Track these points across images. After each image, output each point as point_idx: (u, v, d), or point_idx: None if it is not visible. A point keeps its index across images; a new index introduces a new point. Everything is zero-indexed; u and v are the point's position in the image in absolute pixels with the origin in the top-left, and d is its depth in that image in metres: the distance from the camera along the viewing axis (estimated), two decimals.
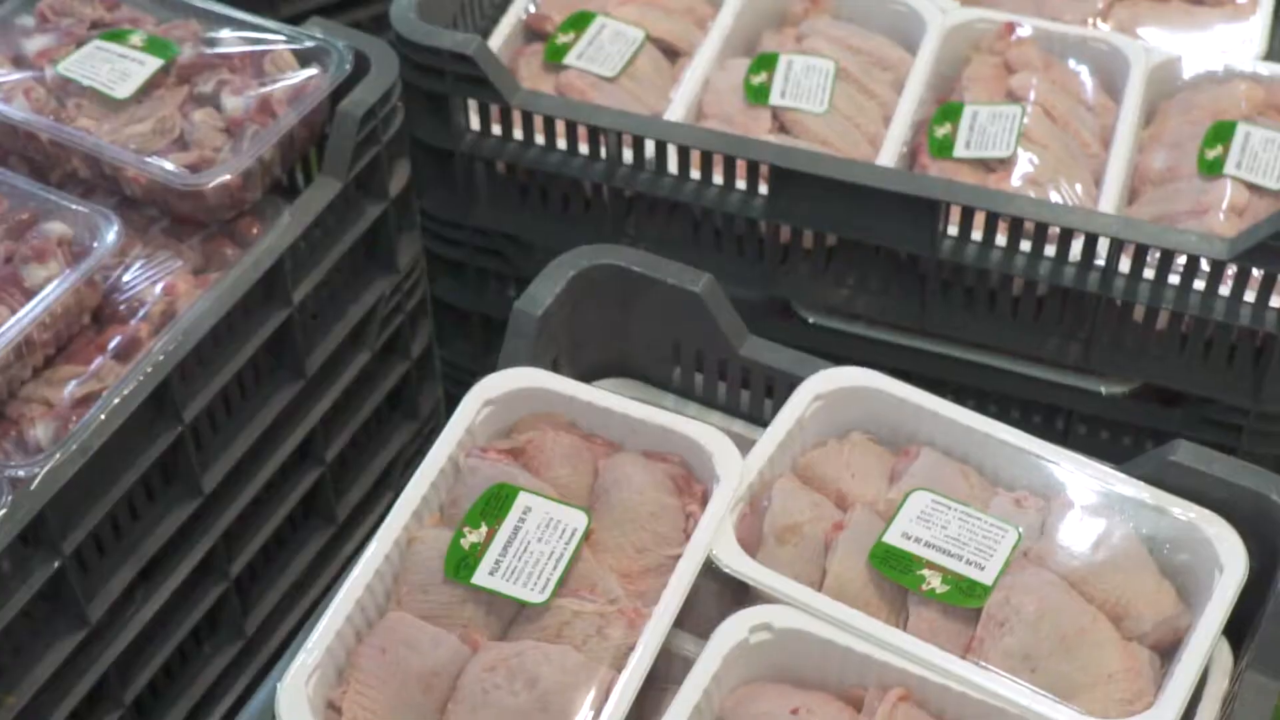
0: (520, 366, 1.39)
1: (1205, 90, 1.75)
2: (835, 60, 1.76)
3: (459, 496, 1.33)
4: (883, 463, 1.37)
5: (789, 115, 1.72)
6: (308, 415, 1.64)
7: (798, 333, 1.70)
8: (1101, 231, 1.52)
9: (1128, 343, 1.60)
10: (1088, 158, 1.70)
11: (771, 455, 1.34)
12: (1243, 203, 1.63)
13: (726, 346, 1.43)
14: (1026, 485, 1.35)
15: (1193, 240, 1.51)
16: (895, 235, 1.59)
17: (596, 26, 1.79)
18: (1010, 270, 1.57)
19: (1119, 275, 1.56)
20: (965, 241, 1.58)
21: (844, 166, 1.57)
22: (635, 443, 1.37)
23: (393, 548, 1.29)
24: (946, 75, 1.80)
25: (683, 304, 1.42)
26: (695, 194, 1.64)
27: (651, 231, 1.70)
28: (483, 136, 1.68)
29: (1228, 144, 1.67)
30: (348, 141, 1.55)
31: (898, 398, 1.38)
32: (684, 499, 1.33)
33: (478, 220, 1.74)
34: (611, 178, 1.65)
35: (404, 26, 1.63)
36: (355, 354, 1.69)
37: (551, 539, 1.28)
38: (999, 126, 1.69)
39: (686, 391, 1.49)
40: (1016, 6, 1.86)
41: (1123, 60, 1.77)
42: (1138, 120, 1.72)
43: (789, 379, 1.41)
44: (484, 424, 1.37)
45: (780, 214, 1.61)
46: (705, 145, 1.60)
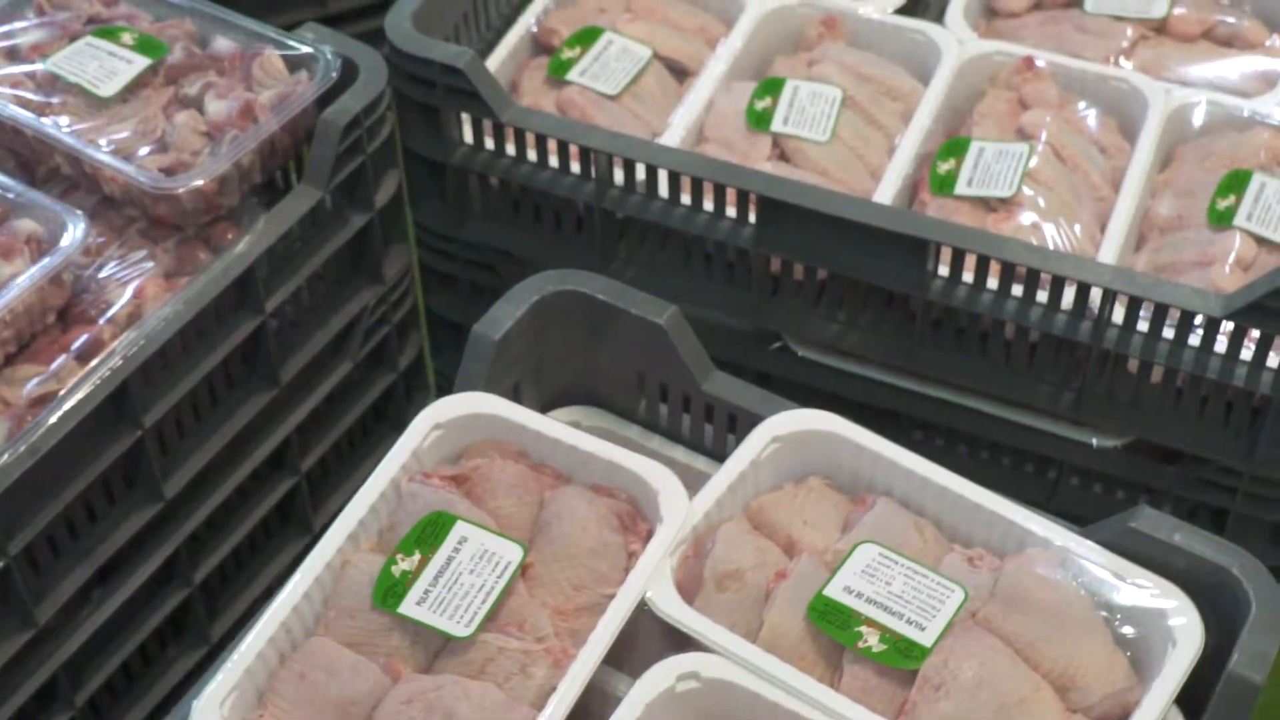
0: (475, 391, 1.37)
1: (1225, 137, 1.69)
2: (843, 88, 1.71)
3: (398, 522, 1.30)
4: (839, 510, 1.33)
5: (790, 143, 1.68)
6: (281, 424, 1.62)
7: (788, 365, 1.66)
8: (1094, 281, 1.47)
9: (1121, 395, 1.54)
10: (1095, 201, 1.65)
11: (720, 497, 1.30)
12: (1250, 257, 1.57)
13: (690, 381, 1.40)
14: (984, 543, 1.30)
15: (1187, 295, 1.46)
16: (884, 273, 1.55)
17: (603, 43, 1.76)
18: (1001, 315, 1.52)
19: (1112, 326, 1.50)
20: (956, 283, 1.53)
21: (831, 200, 1.53)
22: (585, 476, 1.34)
23: (324, 570, 1.27)
24: (960, 108, 1.75)
25: (647, 335, 1.39)
26: (685, 220, 1.60)
27: (643, 255, 1.67)
28: (476, 150, 1.65)
29: (1241, 194, 1.61)
30: (329, 151, 1.54)
31: (857, 444, 1.33)
32: (628, 537, 1.29)
33: (470, 235, 1.71)
34: (601, 199, 1.61)
35: (397, 36, 1.61)
36: (336, 364, 1.67)
37: (484, 571, 1.25)
38: (1004, 165, 1.64)
39: (652, 424, 1.46)
40: (1038, 41, 1.81)
41: (1141, 101, 1.71)
42: (1150, 164, 1.66)
43: (752, 417, 1.37)
44: (432, 448, 1.34)
45: (769, 245, 1.58)
46: (694, 171, 1.56)
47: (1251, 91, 1.75)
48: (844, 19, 1.81)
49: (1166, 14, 1.80)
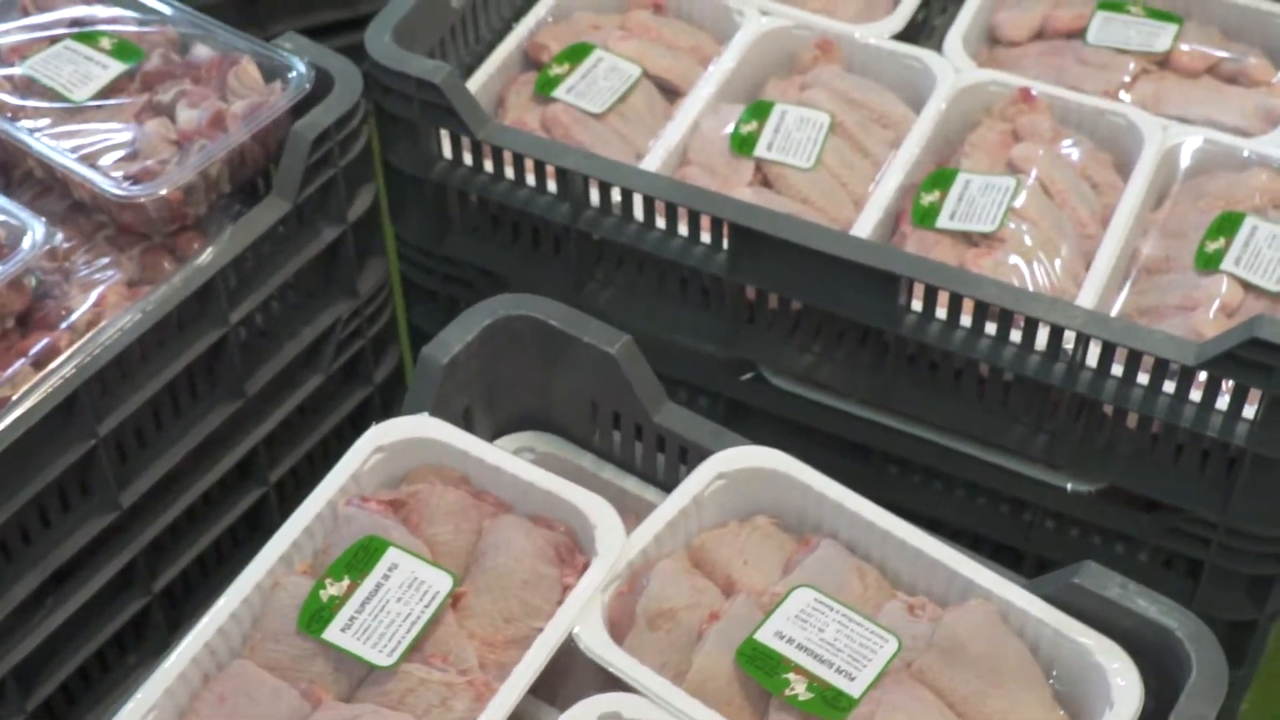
0: (421, 414, 1.35)
1: (1221, 177, 1.65)
2: (832, 114, 1.68)
3: (333, 545, 1.29)
4: (782, 551, 1.30)
5: (772, 169, 1.65)
6: (248, 435, 1.61)
7: (763, 395, 1.64)
8: (1066, 324, 1.43)
9: (1095, 440, 1.51)
10: (1082, 238, 1.61)
11: (659, 533, 1.28)
12: (1235, 303, 1.53)
13: (642, 412, 1.37)
14: (927, 590, 1.27)
15: (1160, 341, 1.42)
16: (856, 306, 1.51)
17: (593, 60, 1.74)
18: (974, 354, 1.49)
19: (1086, 369, 1.46)
20: (929, 319, 1.50)
21: (802, 230, 1.50)
22: (526, 506, 1.32)
23: (253, 591, 1.26)
24: (953, 138, 1.72)
25: (600, 364, 1.37)
26: (659, 245, 1.58)
27: (620, 278, 1.64)
28: (454, 166, 1.64)
29: (1231, 237, 1.56)
30: (298, 163, 1.52)
31: (803, 484, 1.31)
32: (564, 570, 1.27)
33: (449, 250, 1.70)
34: (577, 220, 1.59)
35: (375, 49, 1.59)
36: (306, 376, 1.66)
37: (412, 600, 1.24)
38: (988, 199, 1.60)
39: (606, 452, 1.43)
40: (1038, 71, 1.77)
41: (1137, 137, 1.67)
42: (1141, 202, 1.62)
43: (702, 451, 1.35)
44: (373, 471, 1.33)
45: (741, 273, 1.55)
46: (667, 196, 1.54)
47: (1253, 131, 1.71)
48: (840, 43, 1.77)
49: (1170, 48, 1.76)
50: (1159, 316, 1.54)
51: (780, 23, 1.79)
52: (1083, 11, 1.81)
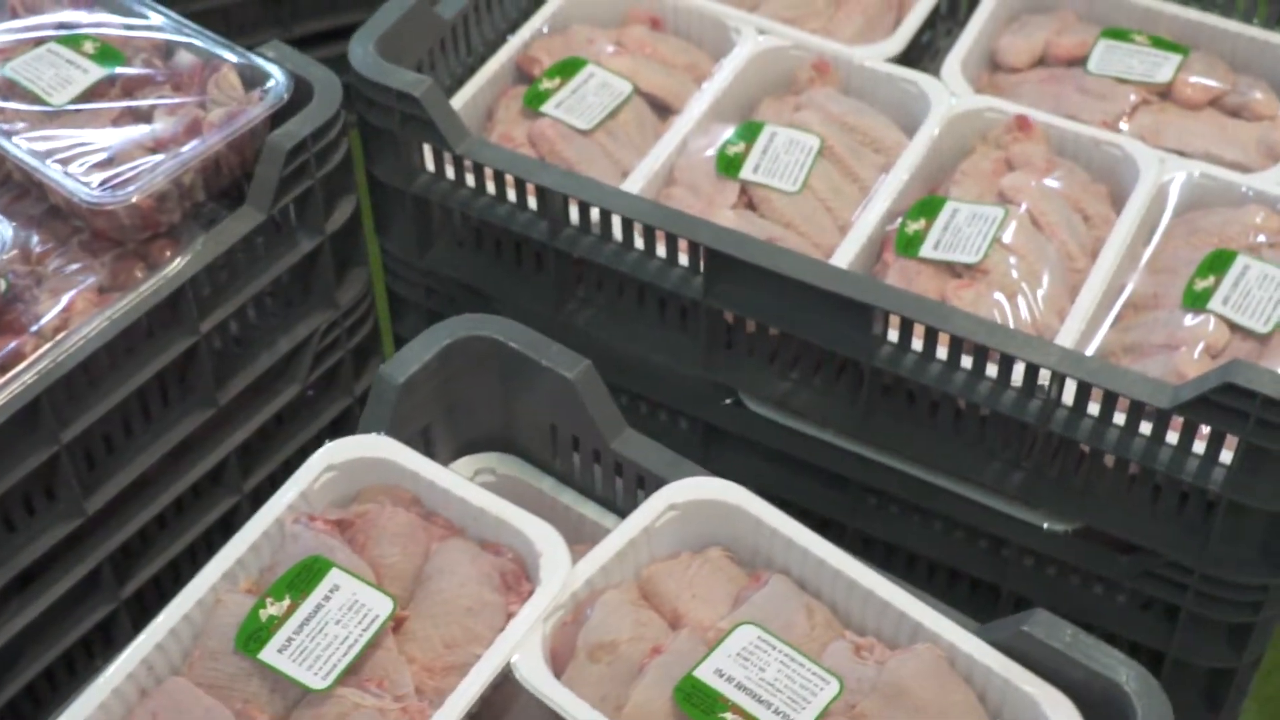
0: (377, 434, 1.34)
1: (1217, 213, 1.61)
2: (822, 137, 1.66)
3: (278, 563, 1.28)
4: (733, 585, 1.28)
5: (757, 192, 1.63)
6: (220, 444, 1.61)
7: (741, 420, 1.61)
8: (1040, 362, 1.40)
9: (1072, 479, 1.48)
10: (1069, 272, 1.57)
11: (605, 564, 1.26)
12: (1221, 344, 1.49)
13: (599, 438, 1.35)
14: (876, 631, 1.25)
15: (1135, 383, 1.39)
16: (830, 335, 1.49)
17: (584, 75, 1.72)
18: (948, 388, 1.46)
19: (1062, 408, 1.43)
20: (905, 350, 1.47)
21: (776, 256, 1.47)
22: (476, 530, 1.31)
23: (194, 608, 1.25)
24: (946, 165, 1.69)
25: (558, 389, 1.35)
26: (637, 266, 1.55)
27: (601, 297, 1.63)
28: (436, 179, 1.62)
29: (1221, 276, 1.53)
30: (272, 174, 1.51)
31: (755, 518, 1.28)
32: (509, 597, 1.26)
33: (431, 264, 1.68)
34: (555, 238, 1.57)
35: (357, 60, 1.58)
36: (282, 386, 1.65)
37: (350, 623, 1.22)
38: (975, 229, 1.57)
39: (566, 477, 1.42)
40: (1036, 99, 1.73)
41: (1133, 169, 1.64)
42: (1132, 237, 1.59)
43: (658, 480, 1.33)
44: (323, 489, 1.32)
45: (717, 297, 1.53)
46: (642, 217, 1.52)
47: (1254, 166, 1.67)
48: (836, 64, 1.75)
49: (1172, 79, 1.72)
50: (1142, 355, 1.51)
51: (776, 42, 1.76)
52: (1086, 39, 1.77)
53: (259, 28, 2.71)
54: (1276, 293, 1.52)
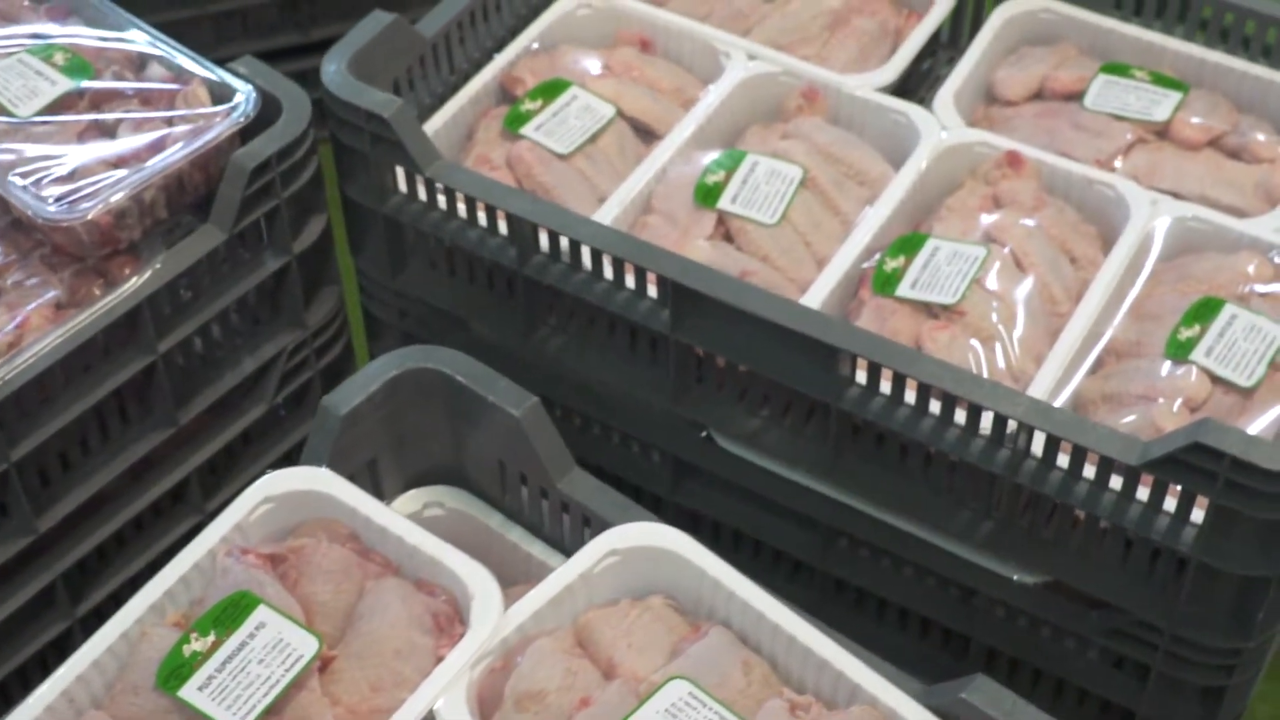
0: (318, 466, 1.31)
1: (1208, 258, 1.56)
2: (805, 168, 1.62)
3: (208, 597, 1.25)
4: (672, 635, 1.24)
5: (735, 222, 1.59)
6: (181, 463, 1.59)
7: (711, 456, 1.58)
8: (1008, 412, 1.36)
9: (1042, 531, 1.43)
10: (1051, 315, 1.53)
11: (539, 610, 1.23)
12: (1201, 397, 1.44)
13: (546, 477, 1.32)
14: (815, 690, 1.21)
15: (1103, 437, 1.34)
16: (797, 375, 1.45)
17: (567, 97, 1.69)
18: (915, 434, 1.42)
19: (1030, 459, 1.39)
20: (872, 393, 1.43)
21: (742, 293, 1.43)
22: (412, 568, 1.28)
23: (119, 640, 1.23)
24: (934, 199, 1.64)
25: (506, 425, 1.32)
26: (606, 296, 1.52)
27: (572, 325, 1.59)
28: (409, 200, 1.59)
29: (1207, 325, 1.48)
30: (235, 193, 1.49)
31: (698, 568, 1.25)
32: (440, 640, 1.23)
33: (405, 286, 1.65)
34: (524, 266, 1.54)
35: (328, 78, 1.55)
36: (248, 406, 1.63)
37: (274, 662, 1.19)
38: (954, 268, 1.53)
39: (516, 514, 1.38)
40: (1030, 134, 1.68)
41: (1124, 210, 1.59)
42: (1118, 280, 1.54)
43: (603, 523, 1.29)
44: (260, 521, 1.29)
45: (684, 332, 1.49)
46: (607, 247, 1.48)
47: (1251, 211, 1.61)
48: (826, 92, 1.70)
49: (1170, 117, 1.67)
50: (1120, 405, 1.46)
51: (766, 68, 1.72)
52: (1085, 74, 1.71)
53: (277, 31, 2.70)
54: (1263, 345, 1.46)
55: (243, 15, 2.66)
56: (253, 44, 2.68)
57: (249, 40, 2.68)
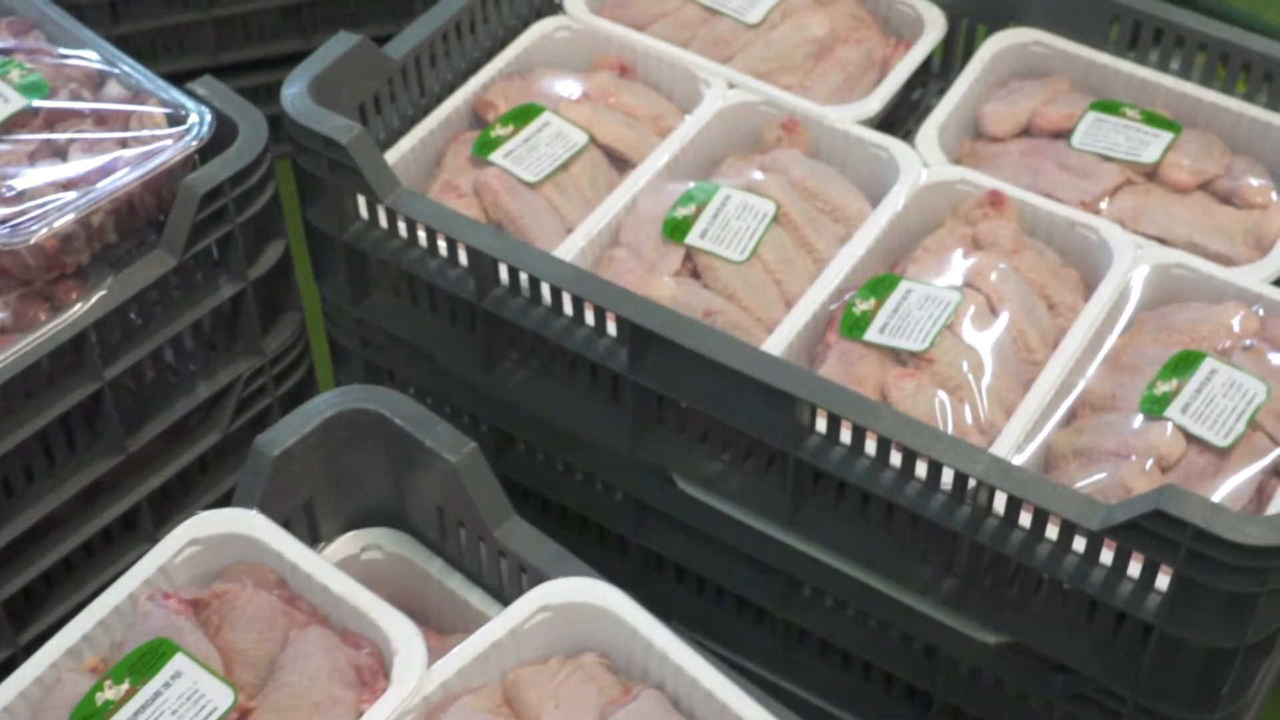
0: (250, 507, 1.28)
1: (1192, 308, 1.50)
2: (779, 203, 1.57)
3: (126, 641, 1.21)
4: (603, 696, 1.20)
5: (703, 259, 1.54)
6: (132, 490, 1.55)
7: (672, 499, 1.53)
8: (967, 470, 1.31)
9: (1005, 591, 1.38)
10: (1025, 364, 1.47)
11: (464, 667, 1.19)
12: (1175, 455, 1.38)
13: (483, 525, 1.28)
14: None
15: (1063, 499, 1.29)
16: (755, 422, 1.40)
17: (539, 123, 1.64)
18: (875, 487, 1.37)
19: (992, 517, 1.34)
20: (832, 443, 1.38)
21: (699, 336, 1.39)
22: (338, 618, 1.24)
23: (33, 685, 1.19)
24: (913, 238, 1.59)
25: (443, 470, 1.28)
26: (564, 333, 1.48)
27: (534, 361, 1.55)
28: (370, 227, 1.55)
29: (1185, 380, 1.42)
30: (185, 218, 1.45)
31: (631, 627, 1.20)
32: (362, 694, 1.19)
33: (366, 314, 1.61)
34: (483, 299, 1.50)
35: (287, 101, 1.51)
36: (204, 433, 1.59)
37: (187, 714, 1.16)
38: (926, 313, 1.47)
39: (455, 560, 1.34)
40: (1015, 172, 1.63)
41: (1107, 255, 1.53)
42: (1096, 330, 1.48)
43: (539, 576, 1.25)
44: (185, 564, 1.25)
45: (642, 374, 1.44)
46: (562, 284, 1.44)
47: (1239, 259, 1.55)
48: (806, 123, 1.65)
49: (1159, 159, 1.61)
50: (1091, 461, 1.40)
51: (746, 97, 1.67)
52: (1074, 111, 1.65)
53: (279, 37, 2.67)
54: (1242, 403, 1.41)
55: (244, 21, 2.64)
56: (254, 50, 2.66)
57: (251, 46, 2.66)
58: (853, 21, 1.75)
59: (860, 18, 1.76)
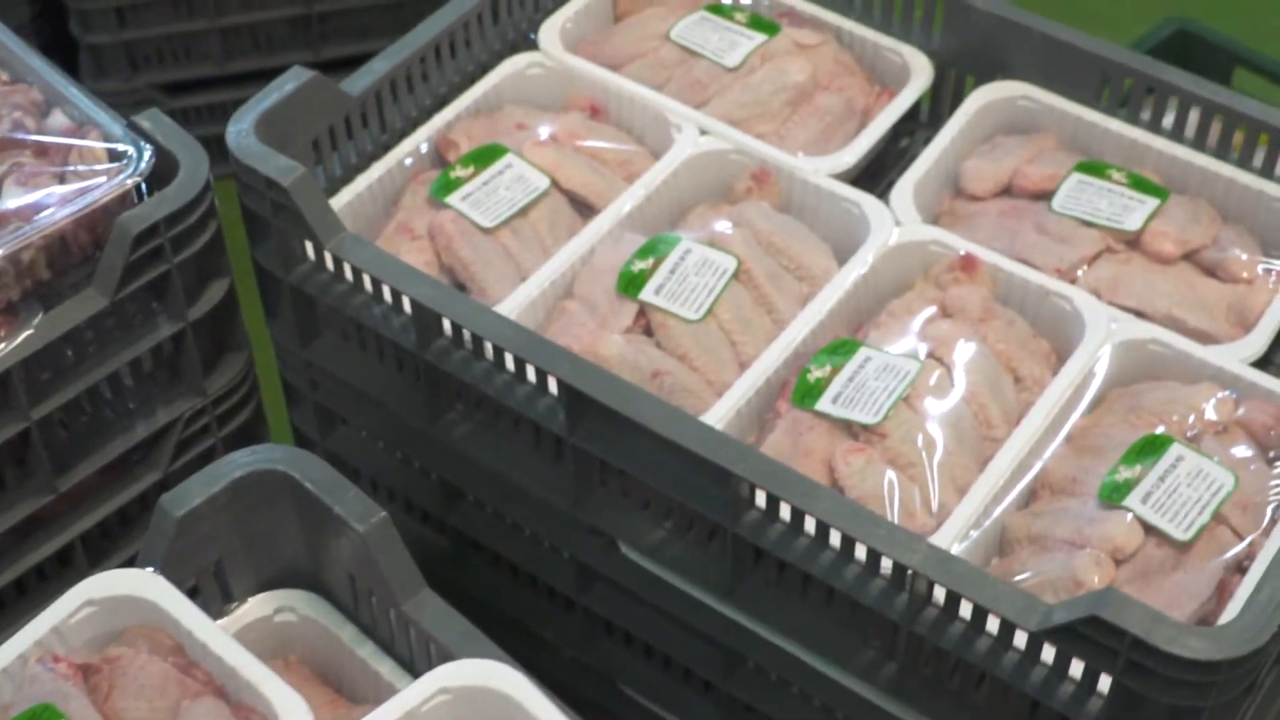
0: (151, 567, 1.23)
1: (1164, 388, 1.43)
2: (739, 259, 1.51)
3: (14, 704, 1.17)
4: None
5: (656, 316, 1.48)
6: (68, 528, 1.52)
7: (614, 564, 1.48)
8: (904, 560, 1.24)
9: (947, 682, 1.32)
10: (984, 441, 1.41)
11: None
12: (1130, 548, 1.31)
13: (392, 596, 1.23)
14: None
15: (1001, 596, 1.22)
16: (693, 493, 1.35)
17: (501, 165, 1.59)
18: (813, 568, 1.31)
19: (931, 607, 1.27)
20: (772, 520, 1.32)
21: (635, 402, 1.33)
22: (234, 689, 1.19)
23: None
24: (882, 299, 1.53)
25: (353, 538, 1.23)
26: (505, 390, 1.42)
27: (478, 414, 1.50)
28: (317, 270, 1.50)
29: (1149, 466, 1.35)
30: (118, 258, 1.41)
31: (532, 715, 1.15)
32: None
33: (314, 357, 1.57)
34: (426, 349, 1.45)
35: (231, 138, 1.46)
36: (143, 472, 1.55)
37: None
38: (882, 383, 1.41)
39: (368, 628, 1.29)
40: (991, 234, 1.56)
41: (1080, 327, 1.46)
42: (1062, 406, 1.42)
43: (446, 653, 1.20)
44: (82, 625, 1.21)
45: (580, 437, 1.39)
46: (502, 341, 1.38)
47: (1220, 336, 1.48)
48: (779, 174, 1.59)
49: (1142, 226, 1.53)
50: (1044, 550, 1.34)
51: (717, 145, 1.61)
52: (1057, 171, 1.58)
53: (287, 48, 2.64)
54: (1207, 494, 1.34)
55: (252, 30, 2.61)
56: (262, 60, 2.63)
57: (258, 56, 2.63)
58: (836, 68, 1.68)
59: (845, 64, 1.69)
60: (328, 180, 1.59)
